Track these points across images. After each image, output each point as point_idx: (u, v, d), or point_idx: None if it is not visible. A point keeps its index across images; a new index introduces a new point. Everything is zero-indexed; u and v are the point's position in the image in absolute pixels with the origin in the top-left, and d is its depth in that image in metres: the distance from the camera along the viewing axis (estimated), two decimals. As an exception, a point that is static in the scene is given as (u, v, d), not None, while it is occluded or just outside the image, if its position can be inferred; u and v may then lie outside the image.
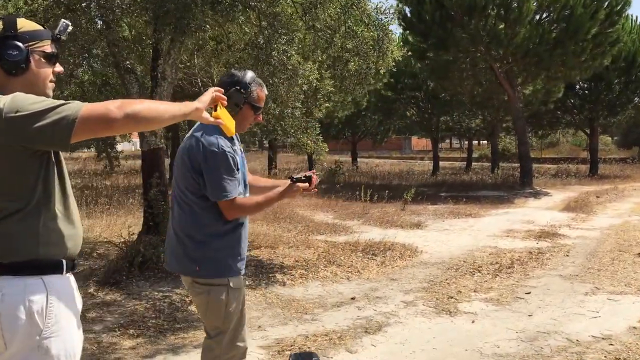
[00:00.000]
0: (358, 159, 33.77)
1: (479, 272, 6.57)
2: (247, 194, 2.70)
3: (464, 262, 7.12)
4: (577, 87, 23.46)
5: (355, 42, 6.44)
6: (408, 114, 27.54)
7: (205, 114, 1.99)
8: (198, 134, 2.52)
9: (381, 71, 7.18)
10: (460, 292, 5.68)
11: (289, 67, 5.25)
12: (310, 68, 5.45)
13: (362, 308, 5.17)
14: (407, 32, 16.75)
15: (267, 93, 2.74)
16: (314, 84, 6.75)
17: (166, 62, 5.80)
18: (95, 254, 6.86)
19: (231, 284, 2.56)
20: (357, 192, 11.80)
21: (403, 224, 9.98)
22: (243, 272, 2.68)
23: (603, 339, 4.19)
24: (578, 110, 24.21)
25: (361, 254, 7.37)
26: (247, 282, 5.42)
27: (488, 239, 8.77)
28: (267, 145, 28.97)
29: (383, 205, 12.27)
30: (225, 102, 2.13)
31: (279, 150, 30.41)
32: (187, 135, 2.62)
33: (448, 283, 6.05)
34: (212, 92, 2.05)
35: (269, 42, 5.27)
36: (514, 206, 13.18)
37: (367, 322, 4.70)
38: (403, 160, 40.07)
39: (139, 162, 17.81)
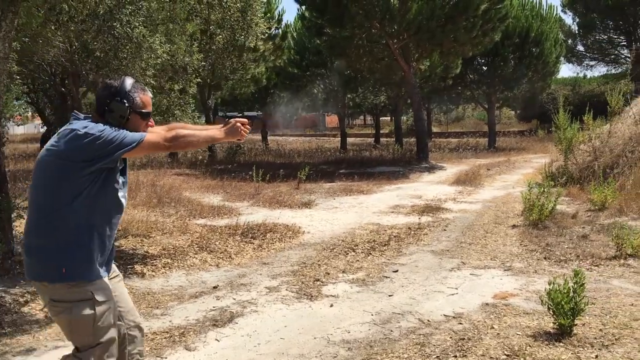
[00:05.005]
0: (270, 138, 33.37)
1: (354, 251, 6.46)
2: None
3: (343, 241, 7.00)
4: (475, 62, 24.16)
5: (220, 14, 6.05)
6: (315, 91, 27.39)
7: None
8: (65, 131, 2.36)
9: (251, 44, 6.83)
10: (329, 273, 5.52)
11: (134, 40, 4.78)
12: (159, 41, 5.01)
13: (222, 297, 4.88)
14: (304, 7, 16.44)
15: (151, 95, 2.59)
16: (182, 59, 6.31)
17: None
18: None
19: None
20: (252, 173, 11.48)
21: (292, 203, 9.78)
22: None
23: (454, 317, 4.14)
24: (476, 86, 25.00)
25: (239, 238, 7.08)
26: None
27: (373, 215, 8.74)
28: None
29: (278, 184, 12.05)
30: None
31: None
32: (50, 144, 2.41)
33: (319, 265, 5.88)
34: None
35: (112, 12, 4.78)
36: (408, 181, 13.34)
37: (220, 314, 4.42)
38: (317, 138, 40.05)
39: None
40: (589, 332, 3.69)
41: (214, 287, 5.19)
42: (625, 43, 37.25)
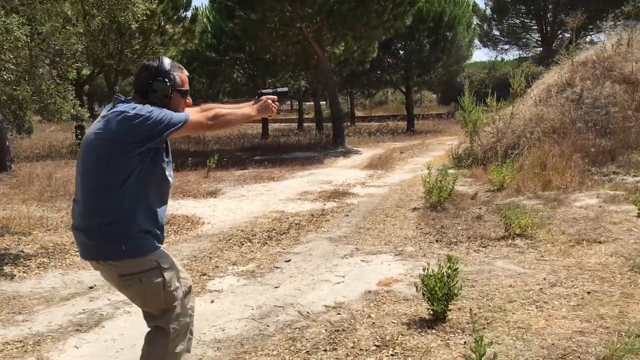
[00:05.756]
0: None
1: (250, 241, 6.26)
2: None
3: (242, 231, 6.79)
4: (392, 47, 24.40)
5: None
6: (234, 75, 26.85)
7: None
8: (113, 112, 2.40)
9: (133, 26, 6.42)
10: (218, 267, 5.30)
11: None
12: (18, 22, 4.54)
13: (96, 298, 4.55)
14: (214, -12, 15.91)
15: (187, 73, 2.65)
16: (57, 42, 5.81)
17: None
18: None
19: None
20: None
21: (198, 193, 9.44)
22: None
23: (334, 308, 4.02)
24: (394, 70, 25.28)
25: (131, 232, 6.70)
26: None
27: (279, 203, 8.56)
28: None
29: (187, 173, 11.65)
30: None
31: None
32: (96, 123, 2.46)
33: (210, 257, 5.64)
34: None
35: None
36: (322, 167, 13.27)
37: (89, 317, 4.11)
38: (242, 124, 39.29)
39: None
40: (463, 317, 3.66)
41: (90, 288, 4.84)
42: (536, 27, 38.90)
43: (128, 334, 3.76)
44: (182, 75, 2.57)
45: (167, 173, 2.54)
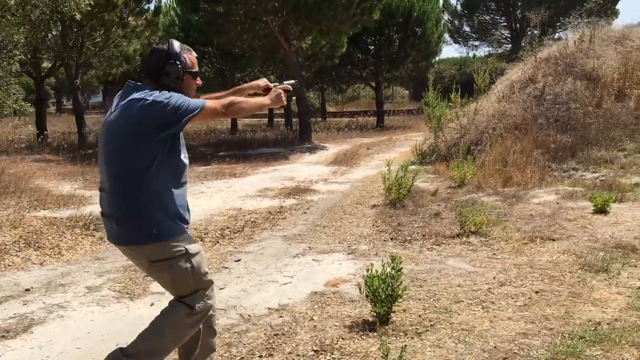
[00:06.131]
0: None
1: (202, 240, 6.08)
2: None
3: (195, 229, 6.57)
4: (362, 42, 24.30)
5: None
6: (203, 70, 26.42)
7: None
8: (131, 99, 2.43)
9: (76, 16, 6.15)
10: (164, 267, 5.10)
11: None
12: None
13: (30, 302, 4.32)
14: (178, -20, 15.55)
15: (196, 55, 2.67)
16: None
17: None
18: None
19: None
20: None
21: (155, 189, 9.17)
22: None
23: (277, 310, 3.87)
24: (363, 65, 25.20)
25: (79, 231, 6.46)
26: None
27: (238, 200, 8.38)
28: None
29: (147, 169, 11.34)
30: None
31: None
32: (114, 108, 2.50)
33: (158, 257, 5.43)
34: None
35: None
36: (286, 162, 13.10)
37: (18, 322, 3.88)
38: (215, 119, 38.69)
39: None
40: (407, 319, 3.55)
41: (26, 290, 4.60)
42: (505, 24, 39.28)
43: (57, 340, 3.56)
44: (191, 56, 2.60)
45: (182, 156, 2.59)
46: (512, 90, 10.87)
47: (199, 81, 2.67)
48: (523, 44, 33.11)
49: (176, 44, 2.57)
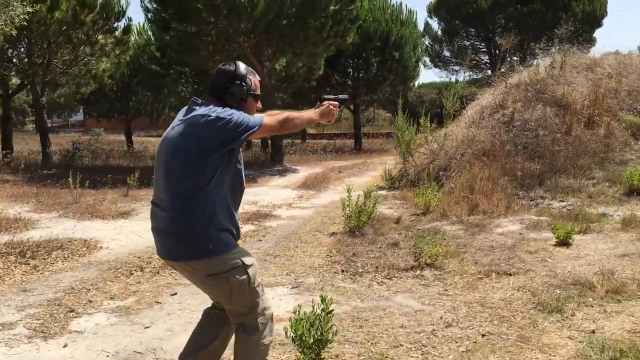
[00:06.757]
0: (142, 139, 31.53)
1: (142, 270, 5.69)
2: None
3: (139, 257, 6.21)
4: (339, 65, 24.23)
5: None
6: (179, 89, 26.13)
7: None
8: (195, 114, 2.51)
9: (11, 32, 5.83)
10: (91, 301, 4.71)
11: None
12: None
13: None
14: (146, -2, 15.28)
15: (259, 78, 2.76)
16: None
17: None
18: None
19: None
20: (81, 178, 10.21)
21: (108, 213, 8.78)
22: None
23: (198, 354, 3.51)
24: (341, 87, 25.09)
25: (14, 258, 6.04)
26: None
27: (194, 226, 8.00)
28: None
29: (107, 191, 10.95)
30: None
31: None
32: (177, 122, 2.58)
33: (88, 290, 5.04)
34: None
35: None
36: (255, 185, 12.76)
37: None
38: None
39: None
40: (337, 367, 3.22)
41: None
42: (485, 49, 39.61)
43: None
44: (255, 79, 2.69)
45: (241, 172, 2.66)
46: (481, 115, 10.70)
47: (259, 104, 2.73)
48: (503, 69, 33.47)
49: (242, 66, 2.66)
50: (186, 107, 2.62)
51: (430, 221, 7.61)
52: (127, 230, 7.70)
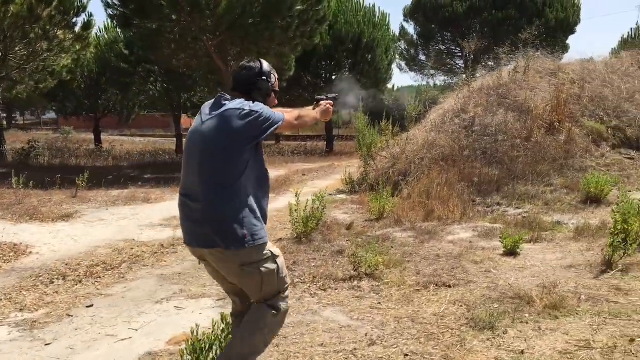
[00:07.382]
0: (113, 138, 30.87)
1: (64, 278, 5.33)
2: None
3: (66, 264, 5.83)
4: (311, 66, 23.95)
5: None
6: (148, 88, 25.59)
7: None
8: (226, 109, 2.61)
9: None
10: (-3, 314, 4.35)
11: None
12: None
13: None
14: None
15: (277, 76, 2.91)
16: None
17: None
18: None
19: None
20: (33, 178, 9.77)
21: (49, 216, 8.35)
22: None
23: (91, 376, 3.19)
24: (314, 88, 24.79)
25: None
26: None
27: (137, 230, 7.65)
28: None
29: (55, 192, 10.51)
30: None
31: None
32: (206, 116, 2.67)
33: (0, 299, 4.68)
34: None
35: None
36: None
37: None
38: (166, 139, 37.52)
39: None
40: (238, 392, 2.90)
41: None
42: (460, 54, 39.71)
43: None
44: (276, 76, 2.86)
45: (265, 163, 2.76)
46: (443, 120, 10.50)
47: (275, 100, 2.86)
48: (479, 75, 33.51)
49: (266, 64, 2.80)
50: (212, 101, 2.70)
51: (383, 227, 7.35)
52: (64, 234, 7.30)
